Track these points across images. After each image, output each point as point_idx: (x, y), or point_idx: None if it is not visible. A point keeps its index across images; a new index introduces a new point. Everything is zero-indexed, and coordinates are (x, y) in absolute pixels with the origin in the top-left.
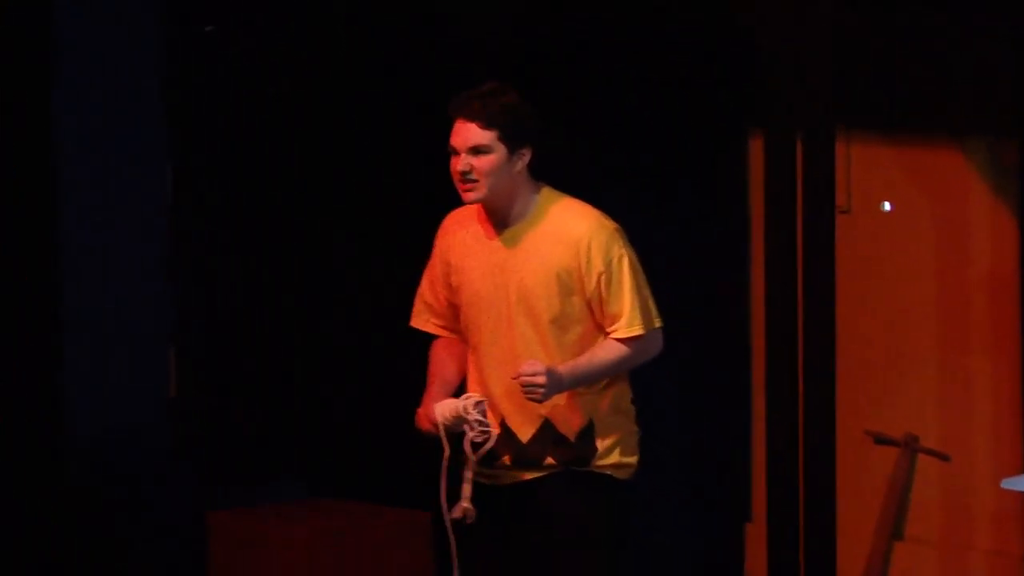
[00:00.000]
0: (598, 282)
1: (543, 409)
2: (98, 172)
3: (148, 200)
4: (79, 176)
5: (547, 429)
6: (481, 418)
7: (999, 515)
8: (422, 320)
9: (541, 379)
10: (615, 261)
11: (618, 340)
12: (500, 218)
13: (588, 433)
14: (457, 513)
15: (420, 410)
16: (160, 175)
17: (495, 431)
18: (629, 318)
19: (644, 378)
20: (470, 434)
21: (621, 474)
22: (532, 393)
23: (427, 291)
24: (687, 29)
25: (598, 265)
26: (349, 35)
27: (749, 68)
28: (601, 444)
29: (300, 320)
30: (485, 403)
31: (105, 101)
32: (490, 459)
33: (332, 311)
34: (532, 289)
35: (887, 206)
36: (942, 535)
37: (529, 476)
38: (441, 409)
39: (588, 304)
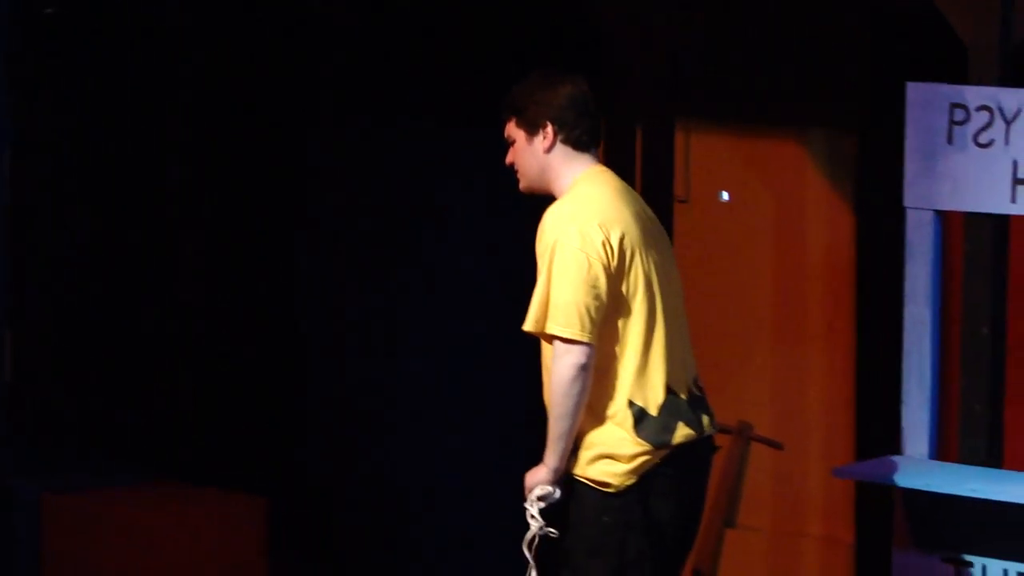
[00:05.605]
0: (538, 267)
1: None
2: None
3: None
4: None
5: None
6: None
7: (831, 503)
8: None
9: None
10: (549, 249)
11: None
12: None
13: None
14: None
15: None
16: None
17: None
18: (528, 311)
19: None
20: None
21: (603, 484)
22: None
23: None
24: (529, 17)
25: (538, 248)
26: (195, 16)
27: (590, 57)
28: (580, 443)
29: (140, 304)
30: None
31: None
32: None
33: (173, 296)
34: None
35: (725, 196)
36: (774, 522)
37: None
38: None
39: None
